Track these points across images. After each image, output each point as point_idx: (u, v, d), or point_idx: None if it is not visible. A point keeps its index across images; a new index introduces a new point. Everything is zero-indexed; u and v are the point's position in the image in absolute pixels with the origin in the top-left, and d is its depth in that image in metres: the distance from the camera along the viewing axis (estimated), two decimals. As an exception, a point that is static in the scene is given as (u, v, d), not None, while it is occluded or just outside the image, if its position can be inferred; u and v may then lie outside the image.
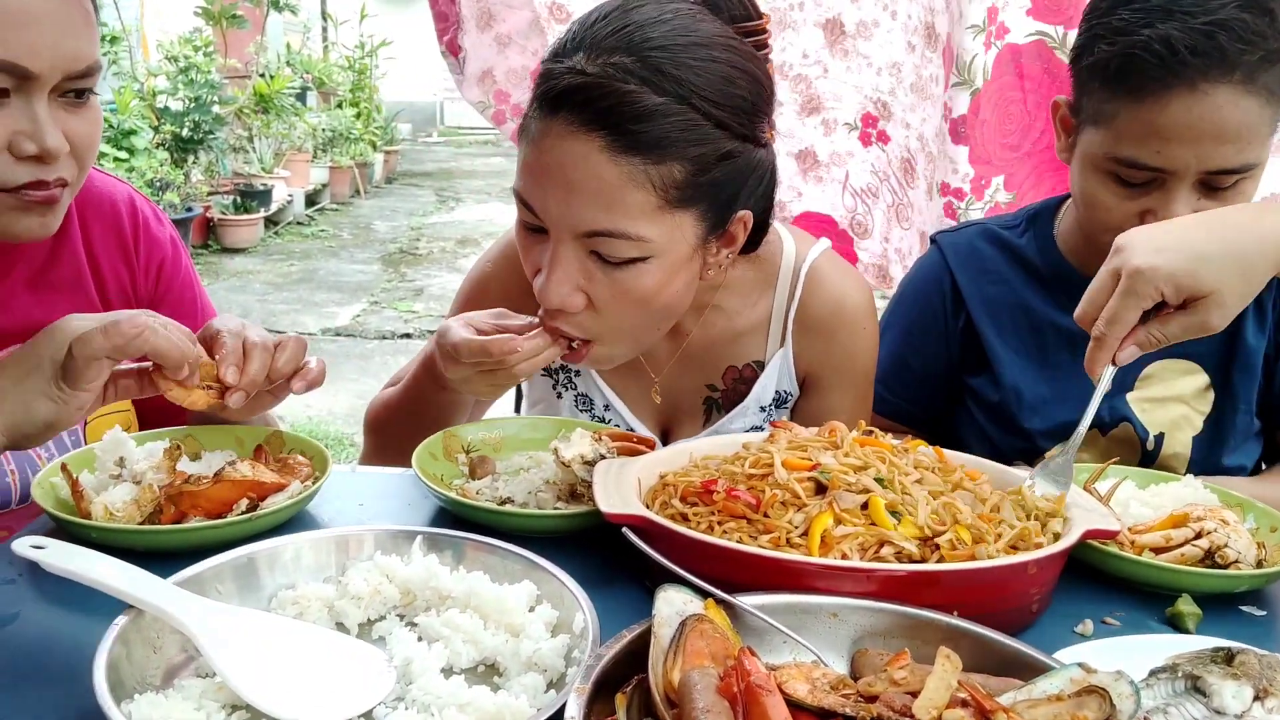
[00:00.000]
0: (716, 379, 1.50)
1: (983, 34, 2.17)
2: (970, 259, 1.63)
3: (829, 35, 2.24)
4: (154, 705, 0.77)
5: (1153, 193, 1.33)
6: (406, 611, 0.97)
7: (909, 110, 2.27)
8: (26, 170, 1.15)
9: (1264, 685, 0.80)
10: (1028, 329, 1.58)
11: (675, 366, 1.49)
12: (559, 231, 1.18)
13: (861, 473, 1.05)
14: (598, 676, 0.74)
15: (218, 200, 8.72)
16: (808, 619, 0.86)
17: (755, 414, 1.49)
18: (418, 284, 8.04)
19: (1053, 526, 1.04)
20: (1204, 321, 1.08)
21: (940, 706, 0.68)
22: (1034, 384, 1.55)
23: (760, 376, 1.48)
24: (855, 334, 1.47)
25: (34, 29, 1.09)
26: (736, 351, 1.48)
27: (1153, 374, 1.53)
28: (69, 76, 1.14)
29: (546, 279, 1.20)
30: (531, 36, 2.29)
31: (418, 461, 1.23)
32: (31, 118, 1.13)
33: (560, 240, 1.19)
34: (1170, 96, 1.27)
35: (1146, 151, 1.30)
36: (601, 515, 1.00)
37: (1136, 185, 1.34)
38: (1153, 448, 1.53)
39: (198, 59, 8.47)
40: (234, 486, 1.11)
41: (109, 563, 0.87)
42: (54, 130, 1.14)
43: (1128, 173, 1.34)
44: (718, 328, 1.47)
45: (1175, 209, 1.30)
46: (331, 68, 13.00)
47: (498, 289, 1.49)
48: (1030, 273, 1.59)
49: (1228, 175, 1.30)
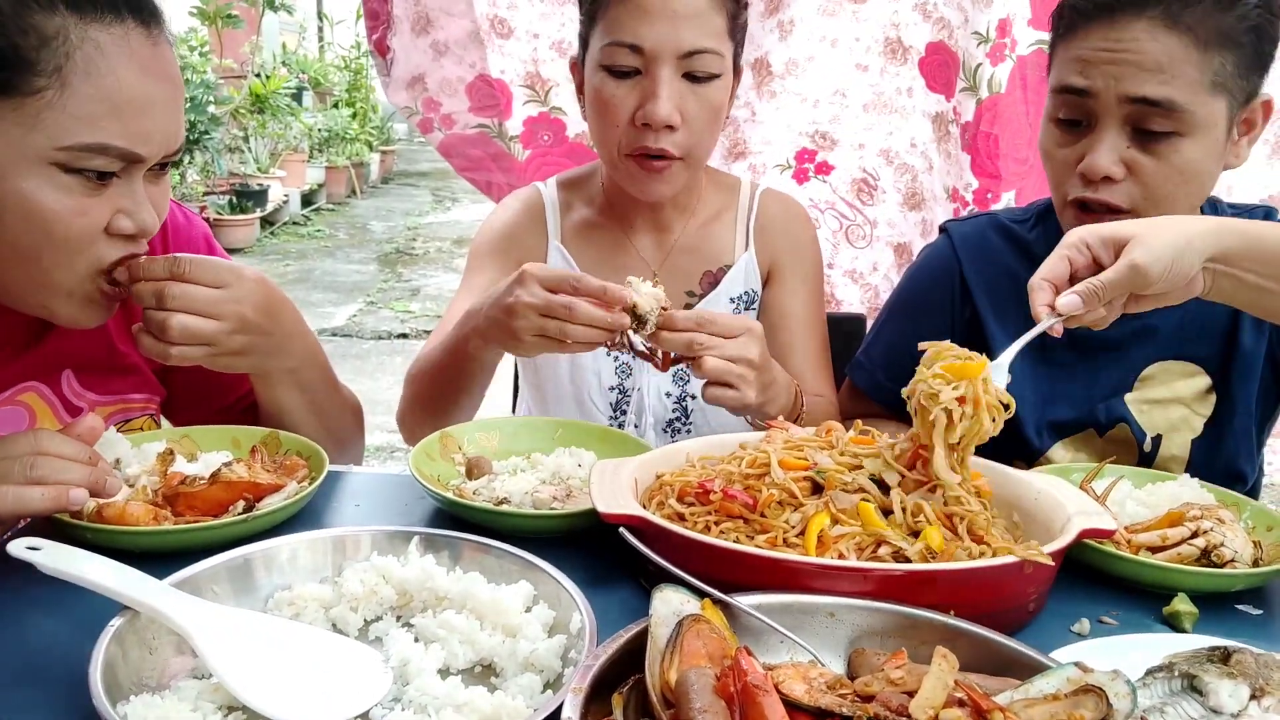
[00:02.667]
0: (694, 285, 1.71)
1: (988, 44, 2.17)
2: (979, 250, 1.63)
3: (756, 76, 2.27)
4: (150, 706, 0.77)
5: (1085, 136, 1.38)
6: (403, 612, 0.96)
7: (863, 130, 2.29)
8: (119, 249, 1.15)
9: (1260, 684, 0.80)
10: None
11: (665, 266, 1.70)
12: (661, 58, 1.45)
13: (857, 472, 1.05)
14: (594, 677, 0.74)
15: (213, 200, 8.71)
16: (804, 619, 0.86)
17: (725, 304, 1.70)
18: (414, 284, 8.03)
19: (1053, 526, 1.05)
20: (1131, 264, 1.09)
21: (937, 706, 0.69)
22: (1035, 380, 1.55)
23: (729, 273, 1.70)
24: (802, 231, 1.76)
25: (149, 116, 1.10)
26: (709, 257, 1.71)
27: (1152, 375, 1.53)
28: (167, 155, 1.15)
29: (657, 99, 1.46)
30: (470, 48, 2.29)
31: (414, 462, 1.23)
32: (132, 197, 1.13)
33: (661, 66, 1.46)
34: (1091, 28, 1.36)
35: (1072, 75, 1.37)
36: (598, 515, 1.00)
37: (1072, 127, 1.39)
38: (1150, 449, 1.53)
39: (193, 59, 8.45)
40: (230, 487, 1.11)
41: (104, 564, 0.87)
42: (149, 209, 1.15)
43: (1063, 105, 1.39)
44: (695, 233, 1.72)
45: (1101, 146, 1.35)
46: (327, 68, 12.99)
47: (502, 228, 1.72)
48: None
49: (1152, 110, 1.32)
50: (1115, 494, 1.22)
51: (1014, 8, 2.15)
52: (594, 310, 1.22)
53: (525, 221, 1.72)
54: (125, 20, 1.09)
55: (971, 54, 2.18)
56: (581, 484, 1.22)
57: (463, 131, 2.36)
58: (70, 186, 1.08)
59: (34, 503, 0.99)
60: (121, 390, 1.36)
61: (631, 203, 1.66)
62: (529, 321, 1.24)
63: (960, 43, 2.19)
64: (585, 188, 1.76)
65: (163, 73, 1.12)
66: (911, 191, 2.32)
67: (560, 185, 1.77)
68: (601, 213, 1.72)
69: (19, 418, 1.26)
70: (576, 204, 1.74)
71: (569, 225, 1.73)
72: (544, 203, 1.73)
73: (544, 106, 2.34)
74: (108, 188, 1.11)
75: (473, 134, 2.36)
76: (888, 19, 2.21)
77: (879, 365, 1.68)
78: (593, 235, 1.72)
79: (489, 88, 2.31)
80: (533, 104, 2.34)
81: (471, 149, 2.37)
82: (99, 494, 1.04)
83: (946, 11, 2.18)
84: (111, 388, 1.35)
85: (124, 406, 1.37)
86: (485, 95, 2.32)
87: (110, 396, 1.35)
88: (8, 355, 1.27)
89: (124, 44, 1.08)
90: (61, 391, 1.31)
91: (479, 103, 2.33)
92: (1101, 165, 1.35)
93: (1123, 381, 1.54)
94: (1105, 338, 1.53)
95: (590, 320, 1.22)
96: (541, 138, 2.36)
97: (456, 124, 2.35)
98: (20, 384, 1.27)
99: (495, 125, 2.35)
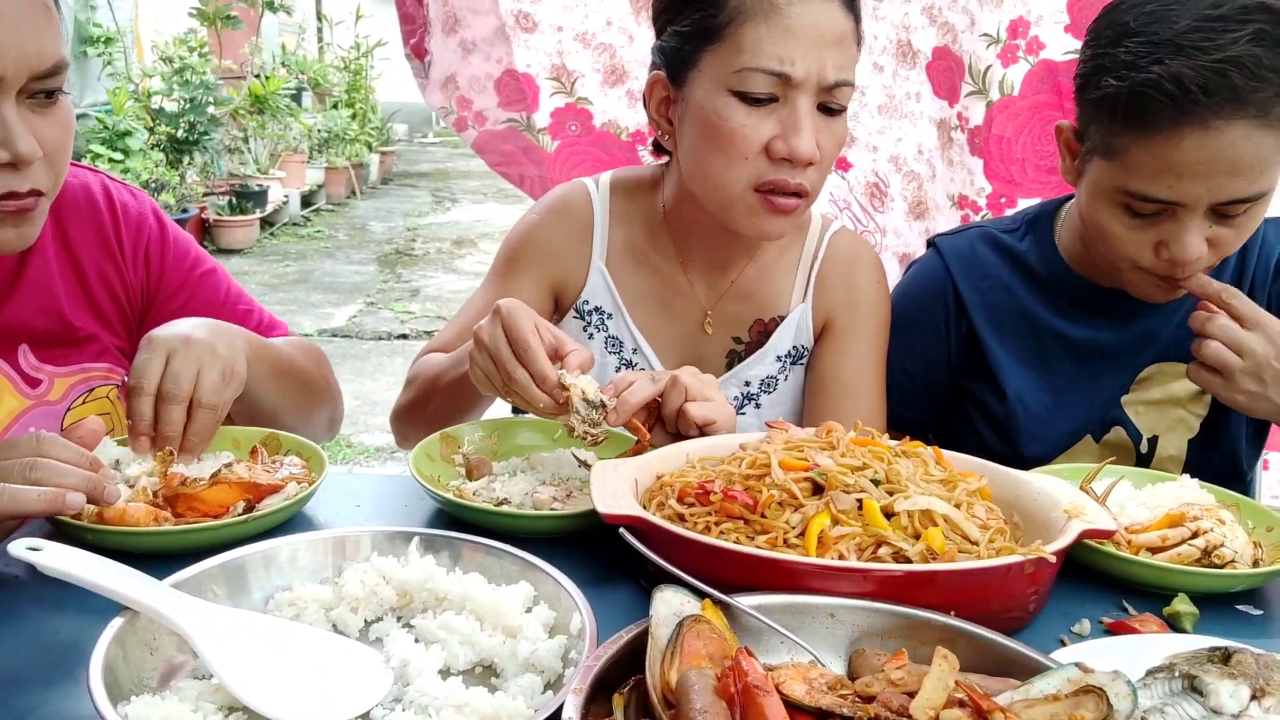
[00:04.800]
0: (744, 332, 1.58)
1: (998, 45, 2.15)
2: (971, 265, 1.60)
3: None
4: (151, 707, 0.77)
5: (1164, 223, 1.31)
6: (404, 613, 0.96)
7: (876, 133, 2.27)
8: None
9: (1261, 684, 0.80)
10: (1031, 337, 1.56)
11: (718, 308, 1.58)
12: (805, 87, 1.33)
13: (858, 473, 1.05)
14: (595, 677, 0.74)
15: (213, 201, 8.70)
16: (805, 619, 0.86)
17: (772, 363, 1.57)
18: (414, 285, 8.02)
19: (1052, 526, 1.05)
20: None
21: (937, 706, 0.69)
22: (1038, 393, 1.54)
23: (781, 326, 1.57)
24: (869, 285, 1.59)
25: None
26: (765, 304, 1.58)
27: (1149, 376, 1.53)
28: (35, 76, 1.10)
29: (800, 132, 1.33)
30: (496, 44, 2.29)
31: (414, 463, 1.23)
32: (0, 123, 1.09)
33: (804, 96, 1.33)
34: (1182, 134, 1.24)
35: (1159, 187, 1.28)
36: (598, 516, 1.00)
37: (1148, 215, 1.32)
38: (1146, 450, 1.53)
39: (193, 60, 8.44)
40: (230, 488, 1.11)
41: (105, 564, 0.87)
42: (25, 135, 1.10)
43: (1139, 205, 1.31)
44: (754, 275, 1.58)
45: (1188, 238, 1.29)
46: (327, 68, 12.98)
47: (541, 236, 1.59)
48: (1031, 279, 1.57)
49: (1240, 204, 1.29)
50: (1115, 495, 1.22)
51: (1031, 8, 2.11)
52: (530, 387, 1.16)
53: (568, 231, 1.57)
54: None
55: (980, 56, 2.16)
56: (581, 485, 1.22)
57: (494, 127, 2.36)
58: None
59: (30, 503, 0.99)
60: (79, 360, 1.37)
61: (696, 233, 1.53)
62: (482, 361, 1.21)
63: (966, 46, 2.18)
64: (645, 200, 1.59)
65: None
66: (917, 200, 2.31)
67: (616, 189, 1.60)
68: (655, 237, 1.57)
69: None
70: (631, 218, 1.58)
71: (617, 243, 1.57)
72: (593, 210, 1.58)
73: (570, 97, 2.34)
74: None
75: (502, 129, 2.36)
76: (899, 20, 2.19)
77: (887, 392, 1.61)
78: (642, 262, 1.57)
79: (516, 82, 2.32)
80: (559, 95, 2.33)
81: (503, 144, 2.38)
82: (97, 500, 1.04)
83: (951, 16, 2.17)
84: (69, 359, 1.36)
85: (84, 376, 1.37)
86: (513, 90, 2.32)
87: (69, 367, 1.35)
88: None
89: None
90: (19, 365, 1.31)
91: (507, 97, 2.33)
92: (1193, 255, 1.30)
93: (1124, 386, 1.53)
94: (1106, 345, 1.53)
95: (524, 394, 1.17)
96: (569, 128, 2.35)
97: (488, 120, 2.35)
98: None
99: (524, 119, 2.35)
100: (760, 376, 1.57)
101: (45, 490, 0.99)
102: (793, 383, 1.58)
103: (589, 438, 1.19)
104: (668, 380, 1.24)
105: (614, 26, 2.29)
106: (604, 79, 2.33)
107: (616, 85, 2.33)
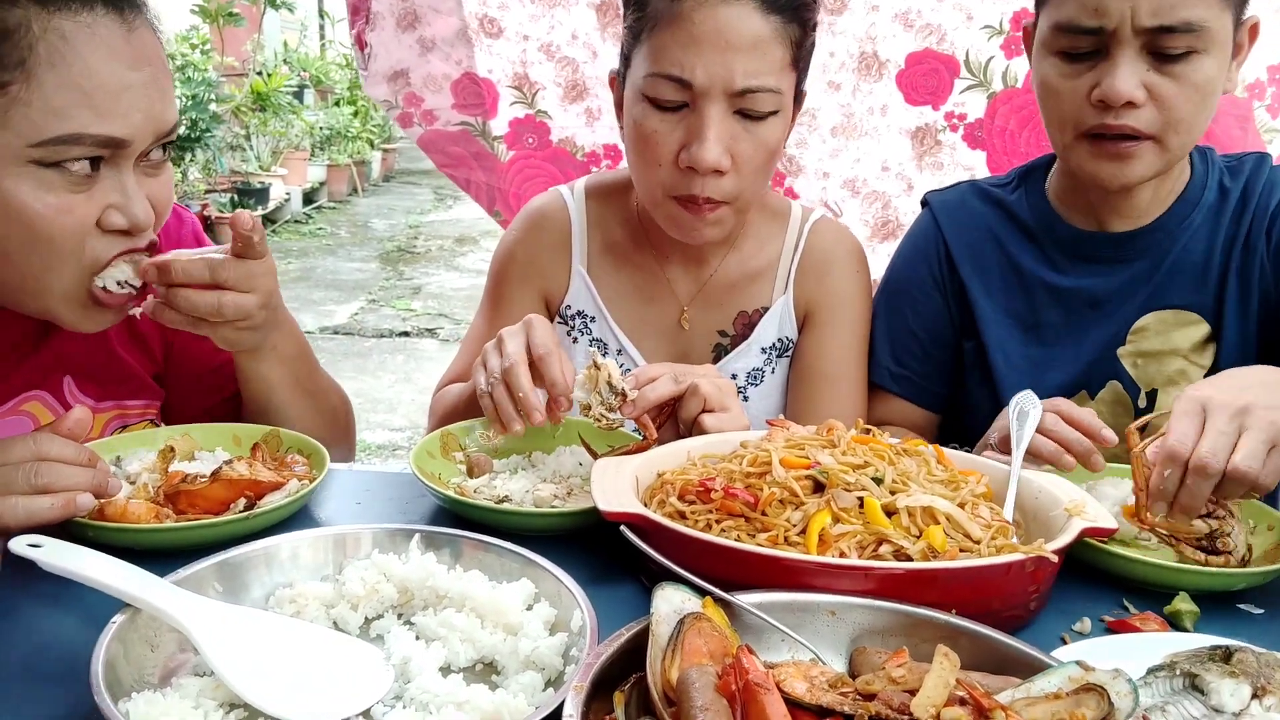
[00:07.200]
0: (728, 325, 1.59)
1: (1001, 36, 2.15)
2: (960, 216, 1.61)
3: None
4: (151, 704, 0.77)
5: (1098, 64, 1.32)
6: (404, 610, 0.96)
7: (828, 158, 2.26)
8: (115, 245, 1.13)
9: (1262, 683, 0.80)
10: (1017, 287, 1.54)
11: (697, 301, 1.58)
12: (710, 94, 1.30)
13: (860, 471, 1.05)
14: (596, 675, 0.74)
15: (215, 198, 8.70)
16: (806, 617, 0.86)
17: (756, 355, 1.58)
18: (415, 282, 8.03)
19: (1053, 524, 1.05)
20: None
21: (938, 705, 0.68)
22: (1023, 345, 1.52)
23: (764, 319, 1.57)
24: (849, 275, 1.60)
25: (124, 99, 1.08)
26: (747, 296, 1.59)
27: (1146, 326, 1.47)
28: (157, 139, 1.13)
29: (703, 141, 1.31)
30: (457, 45, 2.28)
31: (415, 460, 1.23)
32: (122, 190, 1.11)
33: (711, 103, 1.30)
34: None
35: (1082, 16, 1.30)
36: (599, 513, 1.00)
37: (1081, 58, 1.33)
38: (1145, 405, 1.47)
39: (195, 57, 8.47)
40: (231, 485, 1.11)
41: (106, 561, 0.87)
42: (143, 201, 1.12)
43: (1070, 42, 1.33)
44: (734, 268, 1.58)
45: (1120, 74, 1.29)
46: (329, 65, 12.99)
47: (522, 254, 1.62)
48: (1021, 230, 1.56)
49: (1169, 34, 1.27)
50: (1120, 493, 1.22)
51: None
52: (531, 398, 1.18)
53: (547, 242, 1.60)
54: (94, 8, 1.07)
55: (980, 49, 2.17)
56: (582, 482, 1.22)
57: (444, 128, 2.35)
58: (53, 183, 1.07)
59: (44, 513, 1.00)
60: (119, 396, 1.36)
61: None
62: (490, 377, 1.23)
63: (960, 42, 2.18)
64: (618, 203, 1.61)
65: (138, 56, 1.10)
66: (882, 221, 2.30)
67: (591, 194, 1.62)
68: (634, 236, 1.59)
69: (24, 427, 1.26)
70: (607, 221, 1.60)
71: (596, 246, 1.60)
72: (569, 218, 1.60)
73: (530, 109, 2.34)
74: (95, 182, 1.09)
75: (455, 131, 2.35)
76: (863, 32, 2.18)
77: (886, 356, 1.63)
78: (622, 261, 1.59)
79: (475, 86, 2.31)
80: (520, 105, 2.33)
81: (452, 145, 2.37)
82: (101, 495, 1.04)
83: (935, 17, 2.16)
84: (110, 394, 1.35)
85: (121, 412, 1.36)
86: (471, 93, 2.32)
87: (108, 403, 1.35)
88: (12, 362, 1.26)
89: (91, 31, 1.06)
90: (64, 398, 1.31)
91: (463, 100, 2.33)
92: (1124, 90, 1.28)
93: (1115, 337, 1.48)
94: (1092, 293, 1.49)
95: (522, 402, 1.19)
96: (526, 140, 2.36)
97: (438, 120, 2.35)
98: (25, 393, 1.27)
99: (479, 124, 2.35)
100: (746, 369, 1.58)
101: (57, 499, 1.00)
102: (780, 376, 1.60)
103: (603, 420, 1.21)
104: (689, 385, 1.24)
105: (579, 41, 2.28)
106: (564, 94, 2.32)
107: (576, 101, 2.33)
